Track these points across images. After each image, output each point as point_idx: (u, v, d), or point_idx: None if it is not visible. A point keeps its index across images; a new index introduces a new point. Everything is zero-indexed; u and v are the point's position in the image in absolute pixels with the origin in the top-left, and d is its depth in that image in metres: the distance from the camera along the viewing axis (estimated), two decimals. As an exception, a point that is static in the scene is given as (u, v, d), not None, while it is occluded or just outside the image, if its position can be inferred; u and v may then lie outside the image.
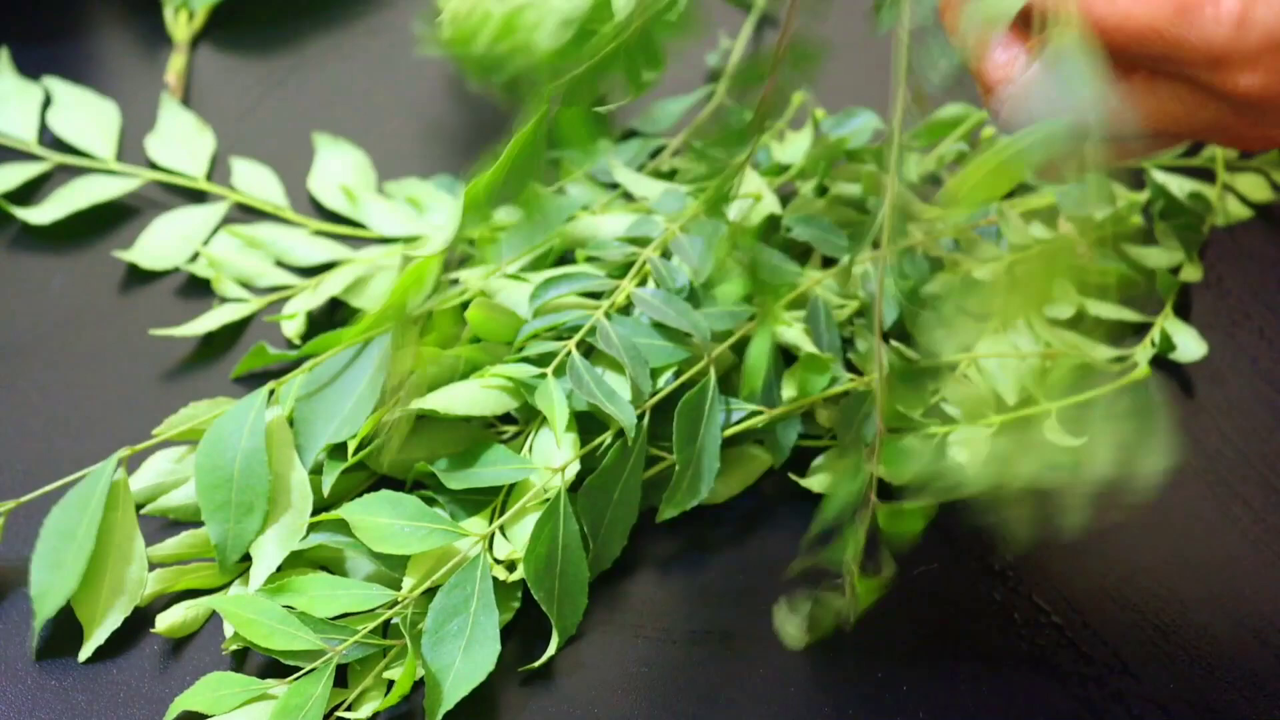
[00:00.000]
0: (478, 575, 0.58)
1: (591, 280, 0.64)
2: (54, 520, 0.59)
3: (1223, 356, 0.70)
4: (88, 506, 0.59)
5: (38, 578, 0.58)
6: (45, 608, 0.58)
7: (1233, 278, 0.73)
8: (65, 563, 0.58)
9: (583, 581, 0.59)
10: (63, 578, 0.58)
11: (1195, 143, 0.77)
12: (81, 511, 0.59)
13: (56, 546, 0.58)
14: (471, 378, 0.62)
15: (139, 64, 0.83)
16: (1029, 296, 0.50)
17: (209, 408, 0.62)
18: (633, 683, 0.58)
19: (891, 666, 0.59)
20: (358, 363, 0.63)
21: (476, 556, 0.58)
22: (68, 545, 0.58)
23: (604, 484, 0.60)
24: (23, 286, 0.72)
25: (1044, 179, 0.51)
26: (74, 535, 0.58)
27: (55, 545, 0.58)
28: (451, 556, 0.58)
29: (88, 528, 0.58)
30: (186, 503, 0.61)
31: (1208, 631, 0.60)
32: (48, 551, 0.58)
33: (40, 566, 0.58)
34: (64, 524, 0.59)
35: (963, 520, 0.64)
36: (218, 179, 0.76)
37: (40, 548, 0.58)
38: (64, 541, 0.58)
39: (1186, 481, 0.65)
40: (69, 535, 0.58)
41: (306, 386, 0.62)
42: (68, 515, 0.59)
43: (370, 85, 0.82)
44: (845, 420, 0.63)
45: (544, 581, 0.58)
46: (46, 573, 0.58)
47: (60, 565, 0.58)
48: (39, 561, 0.58)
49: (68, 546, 0.58)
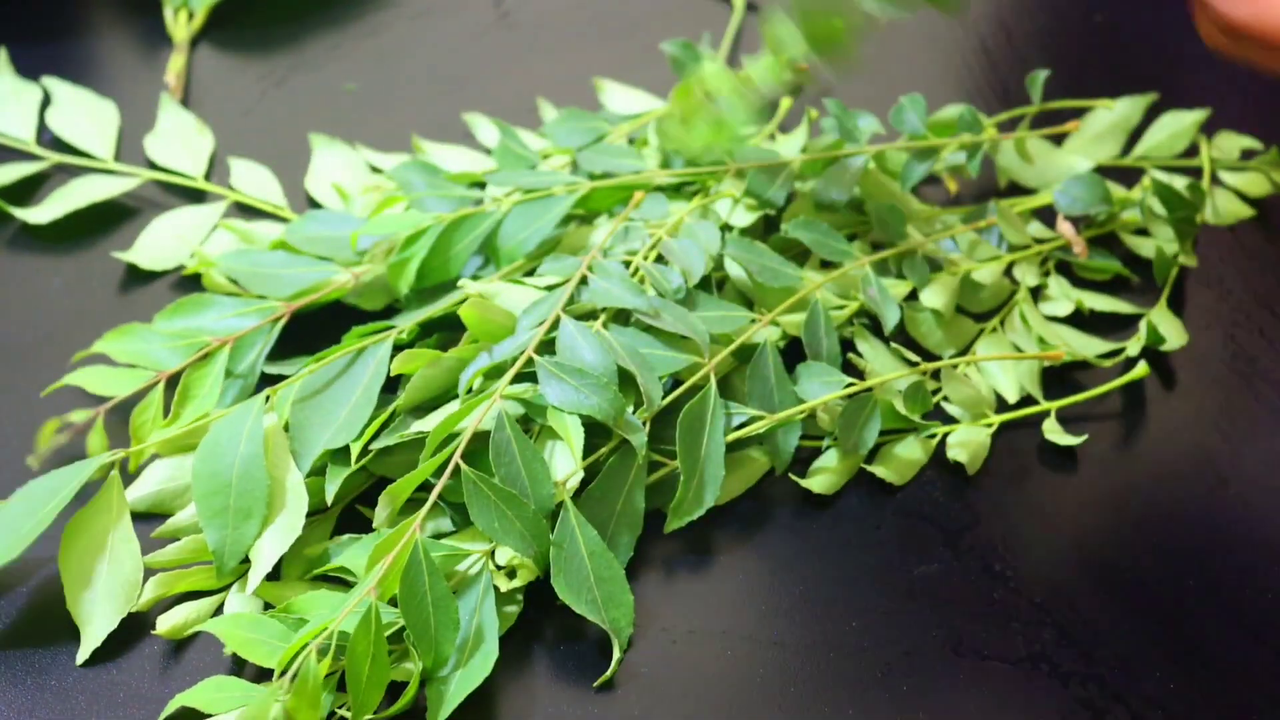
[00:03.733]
0: (480, 589, 0.58)
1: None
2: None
3: (1222, 357, 0.70)
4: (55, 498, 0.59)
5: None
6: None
7: (1233, 278, 0.73)
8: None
9: (621, 580, 0.59)
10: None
11: (1194, 142, 0.77)
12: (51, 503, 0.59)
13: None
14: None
15: (139, 64, 0.83)
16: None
17: None
18: (634, 683, 0.58)
19: (891, 666, 0.59)
20: (353, 368, 0.63)
21: (479, 572, 0.58)
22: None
23: (605, 494, 0.60)
24: (23, 286, 0.72)
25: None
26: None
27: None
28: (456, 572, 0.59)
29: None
30: (194, 521, 0.61)
31: (1208, 631, 0.60)
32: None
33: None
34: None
35: (964, 522, 0.64)
36: (217, 179, 0.76)
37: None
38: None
39: (1187, 482, 0.65)
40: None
41: (302, 392, 0.62)
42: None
43: (370, 85, 0.82)
44: (846, 423, 0.63)
45: (582, 594, 0.58)
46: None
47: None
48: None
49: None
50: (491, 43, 0.85)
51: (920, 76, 0.83)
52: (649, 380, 0.62)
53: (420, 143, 0.77)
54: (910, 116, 0.72)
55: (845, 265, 0.68)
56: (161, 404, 0.63)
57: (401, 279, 0.67)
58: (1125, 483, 0.65)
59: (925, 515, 0.64)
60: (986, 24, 0.86)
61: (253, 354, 0.65)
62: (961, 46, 0.85)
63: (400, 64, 0.84)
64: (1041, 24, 0.86)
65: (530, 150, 0.73)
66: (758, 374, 0.64)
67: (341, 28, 0.85)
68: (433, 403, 0.62)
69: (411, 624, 0.55)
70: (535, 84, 0.81)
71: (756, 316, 0.65)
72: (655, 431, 0.62)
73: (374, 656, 0.54)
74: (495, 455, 0.58)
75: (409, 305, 0.68)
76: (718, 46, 0.83)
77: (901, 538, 0.63)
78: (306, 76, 0.83)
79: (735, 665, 0.59)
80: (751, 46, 0.84)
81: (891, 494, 0.64)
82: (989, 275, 0.70)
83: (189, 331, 0.65)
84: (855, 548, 0.62)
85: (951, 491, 0.64)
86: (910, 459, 0.65)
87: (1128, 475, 0.66)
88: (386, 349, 0.63)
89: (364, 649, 0.54)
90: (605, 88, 0.80)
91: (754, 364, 0.64)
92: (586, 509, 0.60)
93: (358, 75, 0.83)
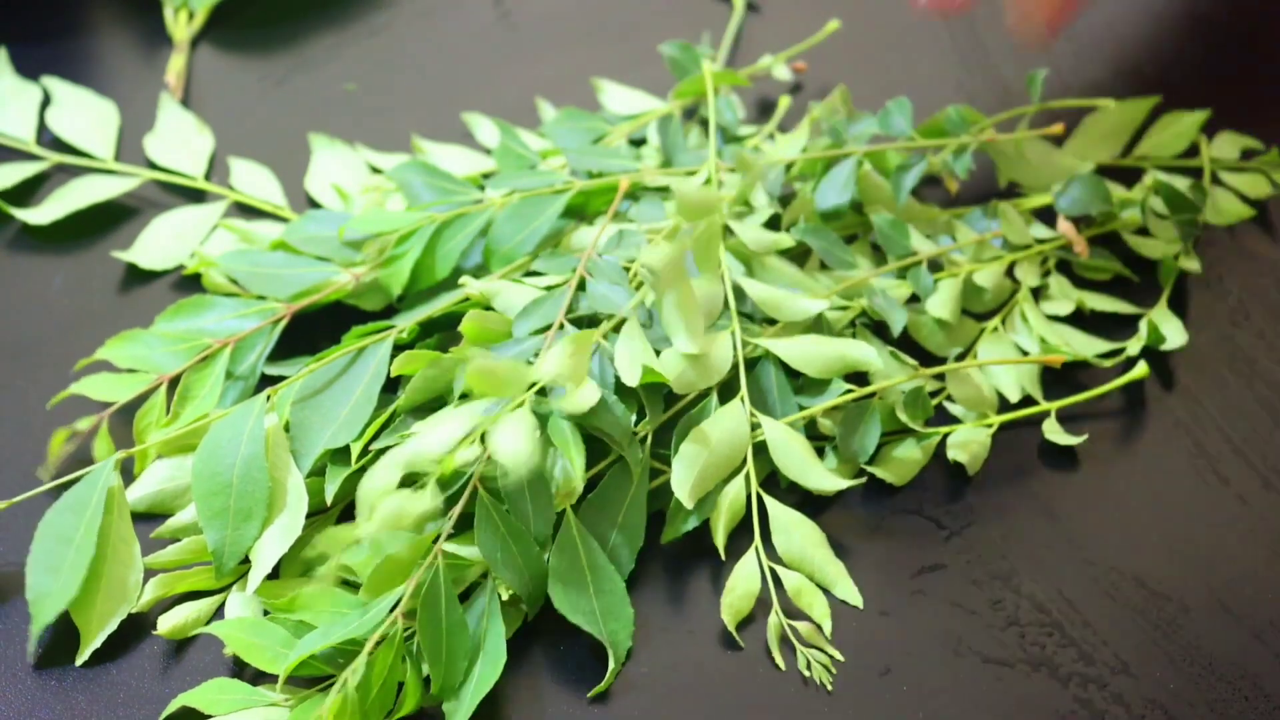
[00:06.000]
0: (486, 594, 0.58)
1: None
2: (49, 523, 0.58)
3: (1222, 357, 0.70)
4: (85, 510, 0.58)
5: (34, 581, 0.57)
6: (43, 613, 0.57)
7: (1233, 278, 0.73)
8: (63, 568, 0.57)
9: (621, 594, 0.59)
10: (61, 583, 0.57)
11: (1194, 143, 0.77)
12: (79, 515, 0.58)
13: (53, 550, 0.57)
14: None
15: (139, 64, 0.83)
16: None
17: None
18: (635, 684, 0.58)
19: (892, 667, 0.59)
20: (353, 368, 0.63)
21: (484, 581, 0.58)
22: (65, 549, 0.57)
23: (605, 505, 0.60)
24: (23, 286, 0.72)
25: None
26: (71, 539, 0.57)
27: (52, 549, 0.57)
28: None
29: (86, 532, 0.58)
30: (194, 521, 0.61)
31: (1208, 631, 0.60)
32: (44, 555, 0.57)
33: (36, 570, 0.57)
34: (60, 527, 0.58)
35: (964, 522, 0.64)
36: (216, 179, 0.76)
37: (35, 550, 0.57)
38: (61, 545, 0.57)
39: (1187, 483, 0.65)
40: (66, 539, 0.58)
41: (302, 392, 0.62)
42: (63, 519, 0.58)
43: (370, 85, 0.82)
44: (846, 430, 0.63)
45: (580, 606, 0.58)
46: (43, 576, 0.57)
47: (58, 570, 0.57)
48: (35, 565, 0.57)
49: (65, 551, 0.57)
50: (491, 43, 0.85)
51: (920, 76, 0.83)
52: (650, 393, 0.62)
53: (420, 143, 0.77)
54: (897, 120, 0.72)
55: (851, 275, 0.68)
56: (164, 406, 0.63)
57: (395, 278, 0.67)
58: (1125, 483, 0.65)
59: (925, 515, 0.64)
60: (986, 24, 0.86)
61: (253, 355, 0.65)
62: (961, 46, 0.85)
63: (400, 64, 0.84)
64: (1041, 24, 0.86)
65: (530, 150, 0.73)
66: (758, 382, 0.64)
67: (341, 28, 0.85)
68: (433, 403, 0.62)
69: (427, 646, 0.55)
70: (535, 84, 0.81)
71: (760, 330, 0.65)
72: (655, 434, 0.62)
73: (387, 679, 0.54)
74: (501, 473, 0.58)
75: (409, 305, 0.68)
76: (718, 46, 0.83)
77: (901, 538, 0.63)
78: (306, 76, 0.83)
79: (735, 666, 0.59)
80: (752, 46, 0.84)
81: (891, 494, 0.64)
82: (990, 276, 0.70)
83: (189, 334, 0.65)
84: (855, 548, 0.62)
85: (951, 491, 0.64)
86: (910, 459, 0.65)
87: (1128, 475, 0.66)
88: (386, 349, 0.63)
89: (380, 671, 0.54)
90: (604, 88, 0.80)
91: (755, 373, 0.64)
92: (586, 519, 0.60)
93: (358, 75, 0.83)
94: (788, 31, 0.84)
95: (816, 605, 0.60)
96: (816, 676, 0.58)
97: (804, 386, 0.64)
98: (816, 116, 0.73)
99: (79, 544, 0.58)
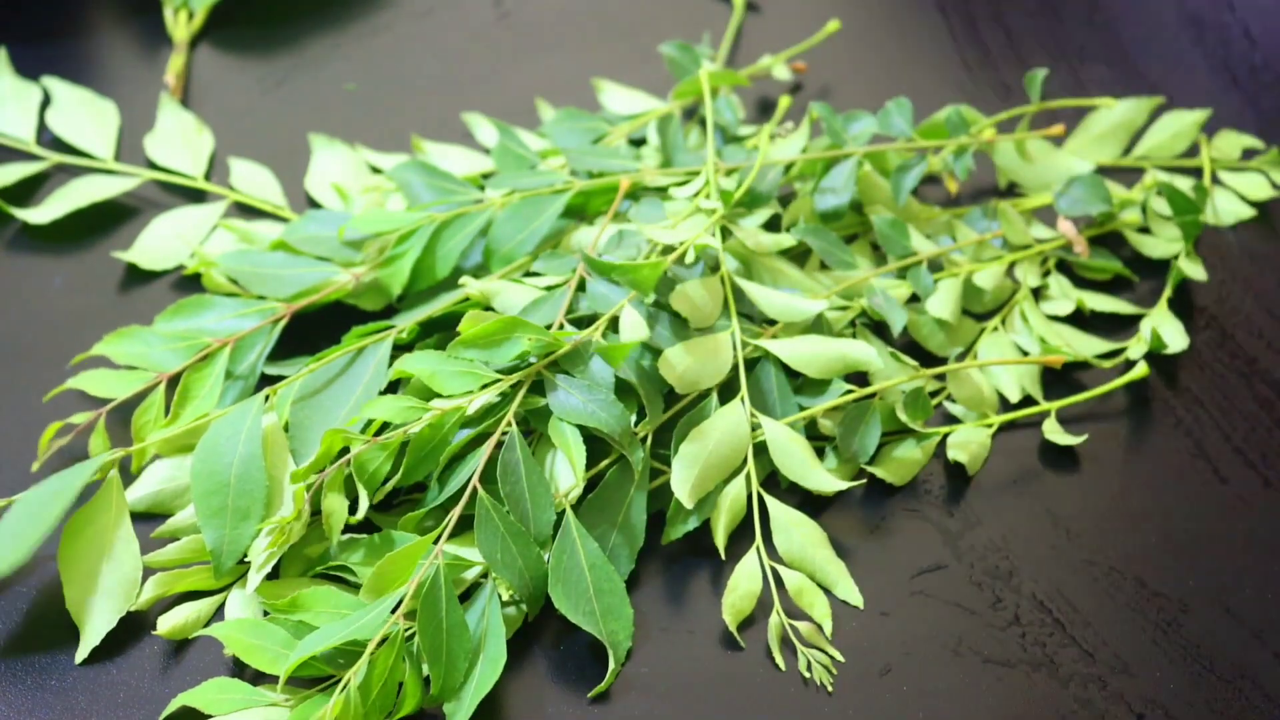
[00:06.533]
0: (486, 594, 0.58)
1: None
2: (25, 501, 0.58)
3: (1222, 357, 0.70)
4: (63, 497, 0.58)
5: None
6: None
7: (1233, 278, 0.73)
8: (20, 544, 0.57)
9: (621, 593, 0.59)
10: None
11: (1194, 143, 0.77)
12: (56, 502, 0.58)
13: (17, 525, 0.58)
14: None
15: (139, 64, 0.83)
16: None
17: None
18: (635, 684, 0.58)
19: (892, 666, 0.59)
20: (353, 368, 0.63)
21: (483, 583, 0.58)
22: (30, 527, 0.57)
23: (605, 506, 0.60)
24: (23, 286, 0.72)
25: None
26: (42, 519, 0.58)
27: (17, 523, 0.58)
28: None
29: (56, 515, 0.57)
30: (193, 521, 0.61)
31: (1208, 631, 0.60)
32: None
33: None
34: (34, 505, 0.58)
35: (965, 522, 0.64)
36: (216, 179, 0.76)
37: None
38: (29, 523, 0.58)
39: (1187, 483, 0.65)
40: (37, 518, 0.58)
41: (302, 392, 0.62)
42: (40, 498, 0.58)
43: (370, 85, 0.82)
44: (846, 430, 0.63)
45: (580, 605, 0.58)
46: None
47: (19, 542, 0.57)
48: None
49: (29, 529, 0.57)
50: (491, 43, 0.85)
51: (920, 77, 0.83)
52: (650, 392, 0.62)
53: (420, 143, 0.77)
54: (897, 120, 0.72)
55: (851, 275, 0.68)
56: (162, 405, 0.63)
57: (395, 278, 0.67)
58: (1125, 483, 0.65)
59: (925, 515, 0.64)
60: (986, 24, 0.86)
61: (253, 355, 0.65)
62: (961, 46, 0.85)
63: (400, 64, 0.84)
64: (1041, 24, 0.86)
65: (530, 150, 0.73)
66: (758, 384, 0.64)
67: (341, 28, 0.85)
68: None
69: (428, 647, 0.55)
70: (535, 84, 0.81)
71: (760, 331, 0.65)
72: (655, 435, 0.62)
73: (388, 680, 0.54)
74: (503, 474, 0.58)
75: (409, 305, 0.68)
76: (717, 46, 0.83)
77: (901, 538, 0.63)
78: (306, 76, 0.83)
79: (735, 666, 0.59)
80: (752, 46, 0.84)
81: (891, 494, 0.64)
82: (990, 276, 0.70)
83: (189, 333, 0.65)
84: (855, 548, 0.62)
85: (951, 491, 0.64)
86: (910, 459, 0.65)
87: (1128, 475, 0.66)
88: (386, 349, 0.63)
89: (381, 671, 0.54)
90: (604, 88, 0.80)
91: (755, 373, 0.64)
92: (586, 519, 0.60)
93: (358, 75, 0.83)
94: (788, 31, 0.84)
95: (817, 605, 0.60)
96: (817, 677, 0.58)
97: (804, 387, 0.64)
98: (816, 117, 0.73)
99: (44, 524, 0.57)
